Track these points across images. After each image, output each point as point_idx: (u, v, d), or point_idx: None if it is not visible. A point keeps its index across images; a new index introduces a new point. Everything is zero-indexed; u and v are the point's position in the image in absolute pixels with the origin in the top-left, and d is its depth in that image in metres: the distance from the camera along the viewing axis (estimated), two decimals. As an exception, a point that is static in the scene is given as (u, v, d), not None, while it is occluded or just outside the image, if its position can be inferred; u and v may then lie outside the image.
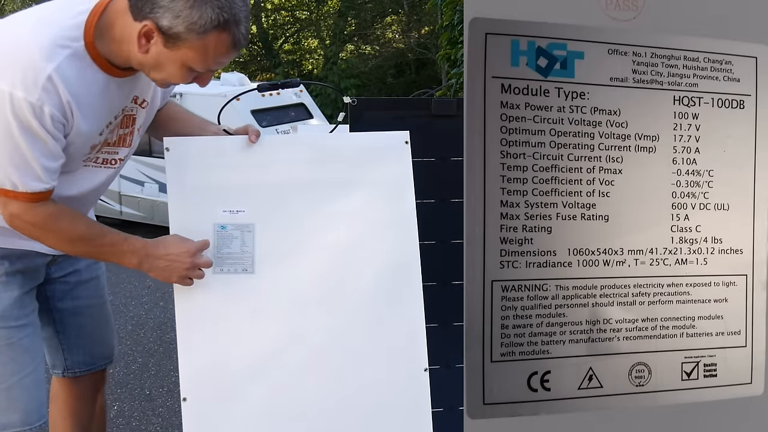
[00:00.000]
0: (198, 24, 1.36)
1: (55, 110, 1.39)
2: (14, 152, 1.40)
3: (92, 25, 1.43)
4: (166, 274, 1.55)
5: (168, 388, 3.44)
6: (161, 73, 1.46)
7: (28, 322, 1.68)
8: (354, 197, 1.66)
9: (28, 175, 1.42)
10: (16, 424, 1.65)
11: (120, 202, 6.90)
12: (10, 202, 1.46)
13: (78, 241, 1.55)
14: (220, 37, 1.39)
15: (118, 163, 1.67)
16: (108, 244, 1.55)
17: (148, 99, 1.64)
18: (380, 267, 1.65)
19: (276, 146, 1.70)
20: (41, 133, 1.39)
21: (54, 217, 1.51)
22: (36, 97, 1.36)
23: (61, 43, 1.40)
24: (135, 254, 1.54)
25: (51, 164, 1.44)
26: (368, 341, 1.63)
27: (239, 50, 1.46)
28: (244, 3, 1.40)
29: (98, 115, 1.51)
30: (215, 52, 1.41)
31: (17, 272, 1.65)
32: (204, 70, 1.47)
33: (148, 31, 1.38)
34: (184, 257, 1.54)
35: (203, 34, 1.37)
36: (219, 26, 1.37)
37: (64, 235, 1.54)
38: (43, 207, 1.48)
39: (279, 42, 17.83)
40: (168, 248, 1.54)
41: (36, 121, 1.38)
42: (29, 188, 1.43)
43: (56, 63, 1.38)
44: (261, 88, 2.11)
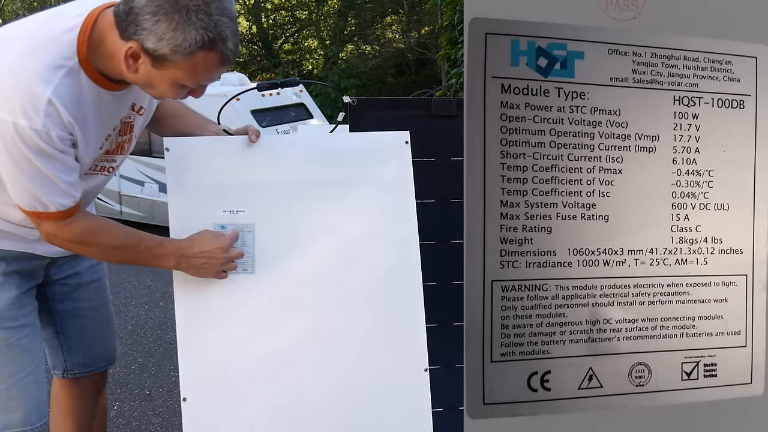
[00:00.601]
0: (183, 46, 1.34)
1: (60, 131, 1.39)
2: (35, 175, 1.41)
3: (84, 41, 1.41)
4: (202, 272, 1.56)
5: (168, 388, 3.44)
6: (154, 90, 1.46)
7: (27, 322, 1.68)
8: (354, 197, 1.66)
9: (54, 193, 1.43)
10: (17, 424, 1.65)
11: (120, 202, 6.90)
12: (43, 222, 1.48)
13: (116, 251, 1.57)
14: (208, 56, 1.37)
15: (114, 170, 1.68)
16: (145, 250, 1.55)
17: (144, 105, 1.64)
18: (381, 267, 1.65)
19: (276, 146, 1.70)
20: (54, 153, 1.40)
21: (90, 232, 1.53)
22: (40, 124, 1.36)
23: (55, 64, 1.39)
24: (172, 256, 1.55)
25: (70, 178, 1.45)
26: (369, 341, 1.63)
27: (230, 65, 1.45)
28: (230, 19, 1.38)
29: (98, 130, 1.51)
30: (204, 70, 1.40)
31: (14, 273, 1.65)
32: (195, 87, 1.45)
33: (134, 52, 1.37)
34: (218, 253, 1.54)
35: (189, 55, 1.35)
36: (205, 46, 1.35)
37: (103, 247, 1.57)
38: (76, 222, 1.49)
39: (279, 42, 17.83)
40: (202, 246, 1.54)
41: (46, 145, 1.38)
42: (59, 206, 1.45)
43: (53, 86, 1.37)
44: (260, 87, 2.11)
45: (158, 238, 1.57)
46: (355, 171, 1.68)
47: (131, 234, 1.57)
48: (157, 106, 1.77)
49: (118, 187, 6.80)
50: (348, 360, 1.62)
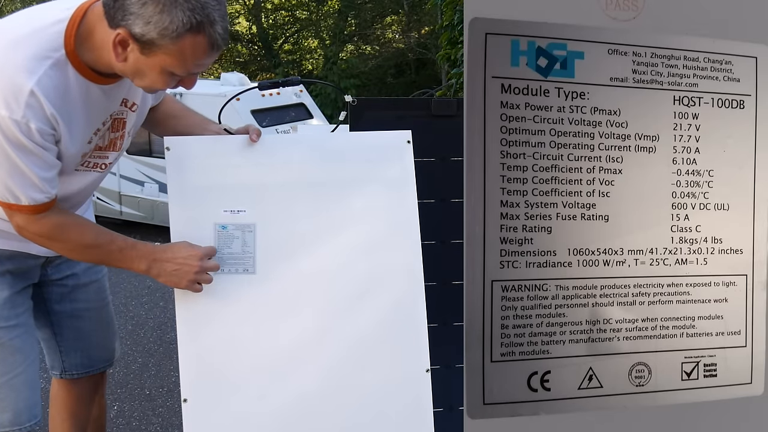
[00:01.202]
0: (170, 29, 1.33)
1: (41, 124, 1.38)
2: (10, 167, 1.40)
3: (72, 33, 1.40)
4: (175, 279, 1.54)
5: (168, 388, 3.44)
6: (143, 80, 1.43)
7: (20, 322, 1.67)
8: (356, 197, 1.66)
9: (27, 187, 1.42)
10: (5, 425, 1.65)
11: (120, 202, 6.90)
12: (15, 214, 1.47)
13: (87, 249, 1.56)
14: (196, 39, 1.35)
15: (107, 167, 1.66)
16: (116, 251, 1.54)
17: (137, 101, 1.62)
18: (383, 267, 1.64)
19: (277, 146, 1.70)
20: (32, 147, 1.38)
21: (61, 228, 1.51)
22: (20, 114, 1.35)
23: (41, 55, 1.38)
24: (143, 259, 1.54)
25: (47, 174, 1.44)
26: (370, 342, 1.63)
27: (220, 51, 1.42)
28: (218, 2, 1.36)
29: (84, 124, 1.49)
30: (193, 55, 1.38)
31: (6, 272, 1.65)
32: (185, 74, 1.43)
33: (122, 39, 1.36)
34: (192, 260, 1.52)
35: (177, 38, 1.34)
36: (192, 29, 1.33)
37: (73, 245, 1.55)
38: (48, 218, 1.48)
39: (279, 42, 17.83)
40: (176, 252, 1.53)
41: (24, 137, 1.36)
42: (31, 200, 1.44)
43: (37, 76, 1.36)
44: (262, 87, 2.11)
45: (131, 241, 1.55)
46: (357, 170, 1.67)
47: (103, 234, 1.56)
48: (157, 107, 1.76)
49: (118, 187, 6.81)
50: (349, 360, 1.62)
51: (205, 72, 1.74)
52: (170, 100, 1.83)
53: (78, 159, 1.55)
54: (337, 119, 2.16)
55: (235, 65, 17.11)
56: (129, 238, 1.57)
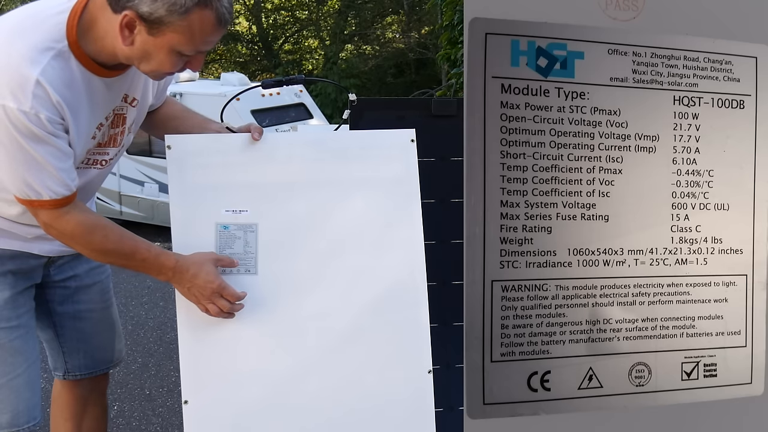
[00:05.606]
0: (178, 4, 1.33)
1: (50, 113, 1.38)
2: (26, 160, 1.40)
3: (74, 24, 1.40)
4: (187, 295, 1.54)
5: (168, 388, 3.44)
6: (150, 63, 1.43)
7: (21, 323, 1.67)
8: (359, 196, 1.65)
9: (46, 179, 1.42)
10: (3, 426, 1.64)
11: (120, 202, 6.90)
12: (39, 212, 1.47)
13: (108, 255, 1.56)
14: (203, 14, 1.36)
15: (108, 164, 1.66)
16: (139, 260, 1.53)
17: (138, 97, 1.62)
18: (386, 267, 1.64)
19: (279, 144, 1.69)
20: (44, 136, 1.38)
21: (85, 228, 1.50)
22: (29, 105, 1.35)
23: (43, 45, 1.38)
24: (165, 273, 1.53)
25: (63, 164, 1.44)
26: (372, 342, 1.62)
27: (226, 27, 1.43)
28: None
29: (89, 117, 1.49)
30: (201, 31, 1.38)
31: (8, 273, 1.64)
32: (193, 53, 1.43)
33: (129, 21, 1.36)
34: (207, 292, 1.51)
35: (185, 14, 1.35)
36: (200, 3, 1.35)
37: (95, 249, 1.54)
38: (71, 215, 1.48)
39: (279, 42, 17.83)
40: (196, 277, 1.51)
41: (36, 127, 1.37)
42: (51, 194, 1.43)
43: (41, 66, 1.36)
44: (265, 85, 2.11)
45: (155, 251, 1.54)
46: (360, 169, 1.66)
47: (127, 242, 1.53)
48: (158, 110, 1.76)
49: (118, 187, 6.81)
50: (351, 361, 1.61)
51: (205, 72, 1.73)
52: (171, 101, 1.83)
53: (83, 155, 1.55)
54: (339, 119, 2.15)
55: (235, 65, 17.12)
56: (153, 247, 1.55)
